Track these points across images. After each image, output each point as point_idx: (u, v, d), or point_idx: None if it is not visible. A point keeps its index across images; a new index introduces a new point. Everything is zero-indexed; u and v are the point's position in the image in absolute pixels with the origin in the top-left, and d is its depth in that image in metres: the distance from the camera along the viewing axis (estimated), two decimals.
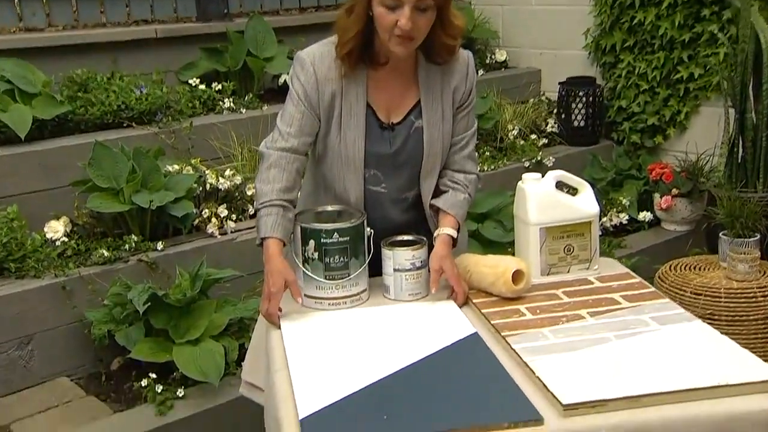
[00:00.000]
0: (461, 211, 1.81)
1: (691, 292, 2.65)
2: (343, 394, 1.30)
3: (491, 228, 3.12)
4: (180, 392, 2.34)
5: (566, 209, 1.78)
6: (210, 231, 2.92)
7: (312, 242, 1.67)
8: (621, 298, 1.64)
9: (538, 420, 1.19)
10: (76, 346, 2.60)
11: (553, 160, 3.87)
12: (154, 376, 2.39)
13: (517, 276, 1.66)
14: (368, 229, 1.73)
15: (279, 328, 1.59)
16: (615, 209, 3.74)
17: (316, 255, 1.67)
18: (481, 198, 3.24)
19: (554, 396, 1.23)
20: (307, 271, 1.69)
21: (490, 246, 3.02)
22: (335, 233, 1.66)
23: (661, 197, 3.70)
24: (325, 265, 1.67)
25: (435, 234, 1.77)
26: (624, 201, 3.76)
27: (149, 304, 2.40)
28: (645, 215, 3.73)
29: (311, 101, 1.68)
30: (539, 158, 3.85)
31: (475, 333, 1.49)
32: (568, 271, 1.79)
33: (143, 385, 2.39)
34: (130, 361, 2.49)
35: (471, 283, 1.71)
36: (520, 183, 1.82)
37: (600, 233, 2.16)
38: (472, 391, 1.30)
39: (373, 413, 1.24)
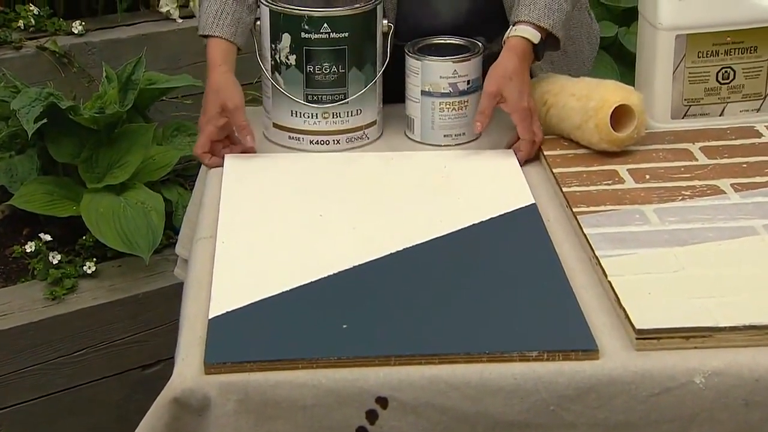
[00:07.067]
0: (558, 6, 1.63)
1: None
2: (292, 284, 1.28)
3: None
4: (88, 267, 2.20)
5: (728, 3, 1.63)
6: (165, 9, 2.75)
7: (287, 37, 1.61)
8: None
9: (589, 350, 1.16)
10: None
11: None
12: (48, 238, 2.25)
13: (621, 116, 1.55)
14: (385, 21, 1.64)
15: (219, 174, 1.50)
16: None
17: (293, 59, 1.62)
18: None
19: (626, 315, 1.19)
20: (277, 86, 1.64)
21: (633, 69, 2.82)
22: (325, 23, 1.60)
23: None
24: (308, 76, 1.62)
25: (504, 37, 1.63)
26: None
27: (45, 121, 2.18)
28: None
29: None
30: None
31: (532, 205, 1.47)
32: (721, 113, 1.68)
33: (29, 250, 2.21)
34: (21, 213, 2.30)
35: (548, 124, 1.62)
36: None
37: None
38: (496, 297, 1.27)
39: (325, 318, 1.22)
